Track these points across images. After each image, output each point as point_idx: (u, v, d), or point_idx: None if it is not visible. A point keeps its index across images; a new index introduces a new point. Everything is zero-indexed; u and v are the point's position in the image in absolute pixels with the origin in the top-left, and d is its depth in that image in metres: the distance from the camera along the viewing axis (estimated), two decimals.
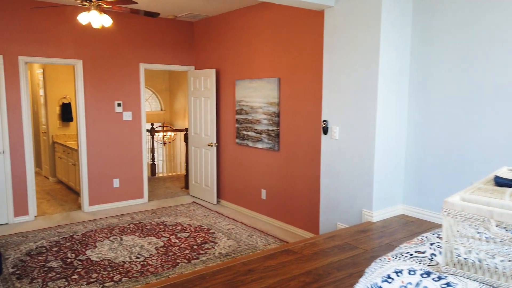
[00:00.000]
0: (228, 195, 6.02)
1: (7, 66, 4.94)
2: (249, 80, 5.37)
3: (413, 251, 1.29)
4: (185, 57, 6.42)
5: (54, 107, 7.59)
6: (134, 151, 6.06)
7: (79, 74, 5.47)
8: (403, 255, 1.26)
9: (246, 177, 5.62)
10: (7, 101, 4.97)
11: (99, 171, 5.75)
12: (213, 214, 5.59)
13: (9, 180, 5.02)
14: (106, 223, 5.13)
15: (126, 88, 5.90)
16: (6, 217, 5.04)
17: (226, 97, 5.91)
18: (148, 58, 6.06)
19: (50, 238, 4.56)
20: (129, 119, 5.97)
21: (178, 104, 11.01)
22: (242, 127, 5.56)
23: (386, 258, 1.26)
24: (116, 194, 5.94)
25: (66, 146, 6.82)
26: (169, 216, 5.46)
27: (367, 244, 2.89)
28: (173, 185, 7.44)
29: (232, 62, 5.71)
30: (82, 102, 5.52)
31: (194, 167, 6.51)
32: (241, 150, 5.66)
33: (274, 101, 5.01)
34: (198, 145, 6.36)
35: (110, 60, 5.71)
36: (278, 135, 5.00)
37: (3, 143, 4.96)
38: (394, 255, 1.28)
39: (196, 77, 6.29)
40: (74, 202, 6.20)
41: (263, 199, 5.33)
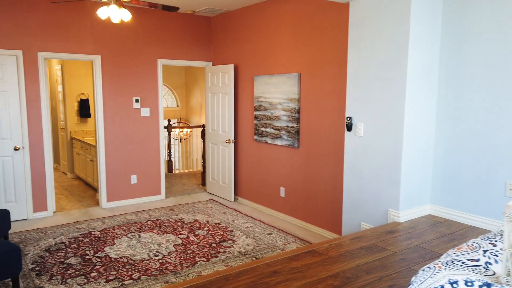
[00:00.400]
0: (245, 193, 5.94)
1: (27, 62, 4.94)
2: (268, 75, 5.27)
3: (465, 259, 1.18)
4: (202, 52, 6.35)
5: (72, 103, 7.63)
6: (152, 148, 6.03)
7: (97, 69, 5.44)
8: (455, 263, 1.14)
9: (264, 175, 5.52)
10: (26, 96, 4.97)
11: (117, 167, 5.73)
12: (231, 211, 5.52)
13: (28, 176, 5.03)
14: (124, 220, 5.11)
15: (144, 84, 5.86)
16: (25, 213, 5.06)
17: (244, 93, 5.82)
18: (166, 54, 6.01)
19: (68, 234, 4.55)
20: (146, 116, 5.93)
21: (194, 101, 10.98)
22: (261, 123, 5.46)
23: (436, 267, 1.15)
24: (133, 191, 5.92)
25: (84, 142, 6.83)
26: (186, 213, 5.40)
27: (395, 246, 2.77)
28: (189, 181, 7.40)
29: (251, 57, 5.61)
30: (100, 98, 5.50)
31: (211, 164, 6.45)
32: (260, 147, 5.56)
33: (294, 97, 4.89)
34: (216, 141, 6.29)
35: (128, 56, 5.68)
36: (298, 132, 4.89)
37: (23, 139, 4.97)
38: (444, 263, 1.16)
39: (214, 73, 6.21)
40: (92, 198, 6.21)
41: (282, 197, 5.23)
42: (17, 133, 4.92)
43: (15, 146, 4.91)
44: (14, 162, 4.93)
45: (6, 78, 4.80)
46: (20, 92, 4.90)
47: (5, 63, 4.78)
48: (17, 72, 4.86)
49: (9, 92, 4.83)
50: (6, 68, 4.79)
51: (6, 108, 4.83)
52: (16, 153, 4.94)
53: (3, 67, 4.77)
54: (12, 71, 4.82)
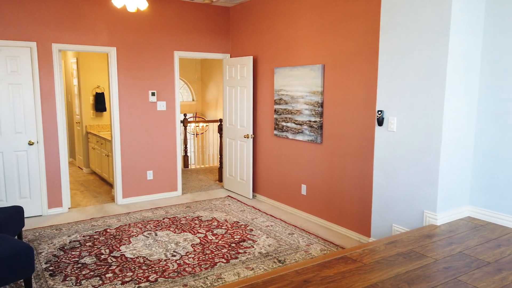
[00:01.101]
0: (264, 190, 5.72)
1: (41, 54, 4.80)
2: (289, 67, 5.02)
3: None
4: (220, 44, 6.13)
5: (87, 97, 7.51)
6: (168, 143, 5.85)
7: (112, 62, 5.28)
8: None
9: (284, 171, 5.29)
10: (41, 90, 4.84)
11: (132, 162, 5.58)
12: (250, 209, 5.31)
13: (43, 171, 4.91)
14: (140, 217, 4.95)
15: (160, 77, 5.68)
16: (40, 209, 4.94)
17: (263, 86, 5.58)
18: (182, 46, 5.81)
19: (83, 232, 4.41)
20: (163, 109, 5.75)
21: (210, 95, 10.79)
22: (281, 118, 5.23)
23: None
24: (149, 187, 5.76)
25: (100, 137, 6.71)
26: (204, 211, 5.22)
27: (436, 252, 2.51)
28: (206, 177, 7.22)
29: (271, 48, 5.36)
30: (116, 91, 5.34)
31: (228, 159, 6.25)
32: (280, 142, 5.33)
33: (317, 90, 4.64)
34: (233, 136, 6.08)
35: (144, 47, 5.50)
36: (321, 127, 4.64)
37: (37, 133, 4.84)
38: None
39: (232, 65, 5.99)
40: (107, 194, 6.08)
41: (303, 194, 5.00)
42: (31, 128, 4.79)
43: (29, 140, 4.79)
44: (29, 157, 4.81)
45: (20, 70, 4.67)
46: (34, 85, 4.77)
47: (19, 55, 4.64)
48: (31, 64, 4.73)
49: (24, 85, 4.70)
50: (20, 61, 4.65)
51: (20, 102, 4.70)
52: (31, 147, 4.81)
53: (17, 59, 4.64)
54: (26, 64, 4.68)
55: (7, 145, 4.67)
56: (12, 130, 4.69)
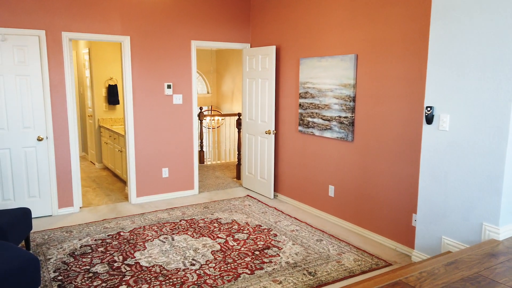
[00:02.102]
0: (286, 189, 5.35)
1: (50, 43, 4.47)
2: (317, 58, 4.60)
3: None
4: (240, 33, 5.73)
5: (100, 89, 7.20)
6: (185, 138, 5.51)
7: (126, 52, 4.93)
8: None
9: (309, 170, 4.90)
10: (50, 81, 4.52)
11: (147, 159, 5.25)
12: (272, 211, 4.95)
13: (53, 169, 4.61)
14: (155, 218, 4.63)
15: (177, 68, 5.31)
16: (50, 209, 4.65)
17: (287, 78, 5.18)
18: (200, 35, 5.43)
19: (95, 235, 4.10)
20: (179, 103, 5.40)
21: (226, 87, 10.42)
22: (307, 113, 4.82)
23: None
24: (165, 185, 5.43)
25: (112, 131, 6.40)
26: (223, 212, 4.87)
27: (508, 278, 2.11)
28: (223, 174, 6.87)
29: (296, 37, 4.95)
30: (129, 83, 5.00)
31: (248, 156, 5.88)
32: (305, 139, 4.93)
33: (349, 83, 4.22)
34: (253, 132, 5.70)
35: (159, 36, 5.13)
36: (353, 123, 4.23)
37: (47, 128, 4.54)
38: None
39: (253, 55, 5.59)
40: (121, 191, 5.78)
41: (331, 196, 4.61)
42: (40, 122, 4.49)
43: (38, 136, 4.48)
44: (38, 154, 4.51)
45: (28, 61, 4.35)
46: (43, 77, 4.45)
47: (27, 44, 4.32)
48: (40, 54, 4.40)
49: (32, 76, 4.39)
50: (28, 50, 4.33)
51: (28, 94, 4.39)
52: (40, 143, 4.51)
53: (25, 48, 4.32)
54: (34, 53, 4.36)
55: (14, 141, 4.37)
56: (20, 125, 4.39)
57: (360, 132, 4.17)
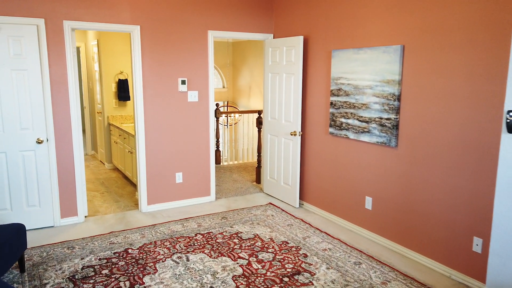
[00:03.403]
0: (314, 198, 4.77)
1: (50, 33, 3.95)
2: (353, 49, 3.99)
3: None
4: (261, 22, 5.14)
5: (109, 84, 6.70)
6: (200, 140, 4.97)
7: (136, 43, 4.39)
8: None
9: (342, 178, 4.32)
10: (50, 77, 4.01)
11: (159, 163, 4.73)
12: (298, 223, 4.38)
13: (54, 175, 4.12)
14: (167, 231, 4.11)
15: (192, 62, 4.76)
16: (52, 219, 4.18)
17: (316, 73, 4.58)
18: (217, 24, 4.85)
19: (100, 253, 3.60)
20: (194, 100, 4.85)
21: (243, 81, 9.85)
22: (340, 113, 4.23)
23: None
24: (178, 191, 4.91)
25: (122, 130, 5.90)
26: (243, 224, 4.33)
27: None
28: (241, 177, 6.33)
29: (328, 25, 4.33)
30: (140, 78, 4.46)
31: (269, 159, 5.31)
32: (337, 142, 4.34)
33: (393, 79, 3.61)
34: (276, 133, 5.13)
35: (173, 26, 4.57)
36: (397, 126, 3.62)
37: (47, 130, 4.04)
38: None
39: (276, 47, 4.99)
40: (130, 197, 5.28)
41: (368, 209, 4.02)
42: (40, 122, 3.99)
43: (37, 138, 3.99)
44: (37, 158, 4.02)
45: (25, 53, 3.84)
46: (42, 72, 3.94)
47: (23, 34, 3.81)
48: (39, 46, 3.89)
49: (30, 71, 3.88)
50: (25, 41, 3.82)
51: (26, 92, 3.89)
52: (39, 146, 4.02)
53: (21, 39, 3.81)
54: (32, 45, 3.85)
55: (11, 144, 3.89)
56: (17, 126, 3.90)
57: (406, 136, 3.56)
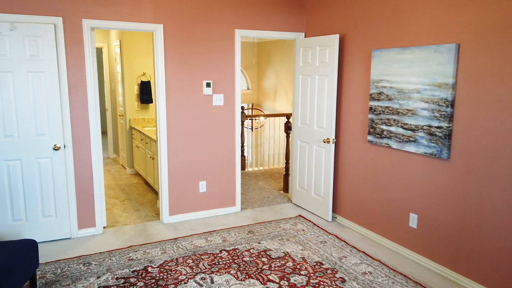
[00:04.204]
0: (348, 211, 4.37)
1: (68, 33, 3.70)
2: (397, 49, 3.57)
3: None
4: (292, 20, 4.77)
5: (131, 86, 6.47)
6: (225, 147, 4.64)
7: (158, 43, 4.10)
8: None
9: (382, 191, 3.90)
10: (68, 79, 3.76)
11: (181, 171, 4.43)
12: (332, 240, 3.99)
13: (72, 183, 3.87)
14: (190, 247, 3.79)
15: (218, 63, 4.44)
16: (68, 230, 3.93)
17: (353, 75, 4.18)
18: (245, 23, 4.51)
19: (117, 271, 3.30)
20: (220, 104, 4.52)
21: (268, 83, 9.50)
22: (381, 119, 3.81)
23: None
24: (202, 201, 4.60)
25: (144, 134, 5.64)
26: (272, 240, 3.97)
27: None
28: (267, 185, 5.97)
29: (368, 23, 3.93)
30: (162, 79, 4.17)
31: (299, 168, 4.93)
32: (376, 151, 3.93)
33: (446, 82, 3.17)
34: (307, 139, 4.74)
35: (197, 24, 4.26)
36: (449, 135, 3.19)
37: (64, 136, 3.79)
38: None
39: (308, 47, 4.61)
40: (152, 205, 5.01)
41: (412, 227, 3.59)
42: (57, 128, 3.75)
43: (54, 144, 3.75)
44: (54, 165, 3.78)
45: (42, 54, 3.60)
46: (60, 74, 3.70)
47: (40, 34, 3.57)
48: (56, 46, 3.65)
49: (46, 73, 3.64)
50: (42, 41, 3.58)
51: (42, 95, 3.65)
52: (56, 153, 3.78)
53: (38, 39, 3.57)
54: (49, 46, 3.61)
55: (26, 150, 3.66)
56: (33, 132, 3.66)
57: (461, 147, 3.12)
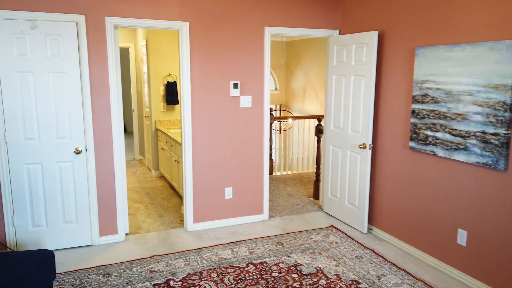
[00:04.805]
0: (386, 223, 4.02)
1: (91, 31, 3.54)
2: (445, 46, 3.21)
3: None
4: (326, 17, 4.46)
5: (157, 87, 6.32)
6: (253, 151, 4.38)
7: (184, 42, 3.89)
8: None
9: (425, 203, 3.53)
10: (90, 80, 3.60)
11: (207, 176, 4.20)
12: (369, 255, 3.66)
13: (93, 188, 3.71)
14: (215, 258, 3.55)
15: (246, 62, 4.19)
16: (89, 237, 3.77)
17: (393, 75, 3.83)
18: (275, 20, 4.24)
19: (138, 284, 3.10)
20: (247, 106, 4.27)
21: (296, 83, 9.19)
22: (425, 124, 3.45)
23: None
24: (228, 208, 4.36)
25: (169, 137, 5.47)
26: (302, 253, 3.68)
27: None
28: (296, 191, 5.67)
29: (410, 18, 3.57)
30: (188, 80, 3.96)
31: (331, 174, 4.61)
32: (420, 159, 3.56)
33: (504, 83, 2.79)
34: (340, 144, 4.42)
35: (225, 22, 4.03)
36: (507, 144, 2.80)
37: (86, 139, 3.64)
38: None
39: (343, 45, 4.29)
40: (176, 210, 4.81)
41: (460, 244, 3.21)
42: (78, 131, 3.59)
43: (76, 148, 3.60)
44: (75, 170, 3.63)
45: (64, 54, 3.45)
46: (82, 74, 3.54)
47: (61, 32, 3.42)
48: (78, 45, 3.49)
49: (68, 74, 3.49)
50: (63, 41, 3.43)
51: (64, 96, 3.51)
52: (78, 157, 3.62)
53: (59, 38, 3.42)
54: (71, 45, 3.46)
55: (47, 154, 3.52)
56: (54, 135, 3.52)
57: None
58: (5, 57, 3.28)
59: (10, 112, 3.36)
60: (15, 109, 3.37)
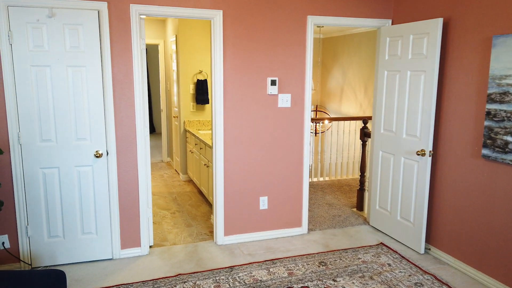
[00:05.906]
0: (448, 244, 3.43)
1: (114, 21, 3.17)
2: None
3: None
4: (375, 5, 3.91)
5: (187, 85, 5.94)
6: (292, 156, 3.89)
7: (217, 33, 3.45)
8: None
9: (502, 222, 2.93)
10: (113, 75, 3.23)
11: (240, 183, 3.75)
12: (430, 281, 3.09)
13: (115, 196, 3.33)
14: (249, 280, 3.09)
15: (285, 57, 3.71)
16: (110, 250, 3.40)
17: (460, 69, 3.24)
18: (319, 8, 3.74)
19: None
20: (286, 106, 3.79)
21: (333, 82, 8.61)
22: (504, 127, 2.85)
23: None
24: (262, 220, 3.89)
25: (199, 138, 5.06)
26: (350, 277, 3.15)
27: None
28: (336, 200, 5.13)
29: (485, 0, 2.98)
30: (220, 76, 3.52)
31: (380, 183, 4.06)
32: (495, 170, 2.97)
33: None
34: (392, 150, 3.86)
35: (262, 10, 3.56)
36: None
37: (107, 141, 3.26)
38: None
39: (397, 36, 3.73)
40: (205, 220, 4.39)
41: None
42: (99, 132, 3.22)
43: (96, 151, 3.23)
44: (95, 175, 3.26)
45: (84, 46, 3.09)
46: (104, 69, 3.17)
47: (82, 22, 3.05)
48: (100, 36, 3.12)
49: (88, 68, 3.12)
50: (84, 31, 3.07)
51: (84, 93, 3.14)
52: (98, 161, 3.25)
53: (79, 28, 3.06)
54: (92, 36, 3.09)
55: (65, 157, 3.17)
56: (72, 136, 3.17)
57: None
58: (20, 49, 2.95)
59: (24, 110, 3.03)
60: (30, 107, 3.03)
